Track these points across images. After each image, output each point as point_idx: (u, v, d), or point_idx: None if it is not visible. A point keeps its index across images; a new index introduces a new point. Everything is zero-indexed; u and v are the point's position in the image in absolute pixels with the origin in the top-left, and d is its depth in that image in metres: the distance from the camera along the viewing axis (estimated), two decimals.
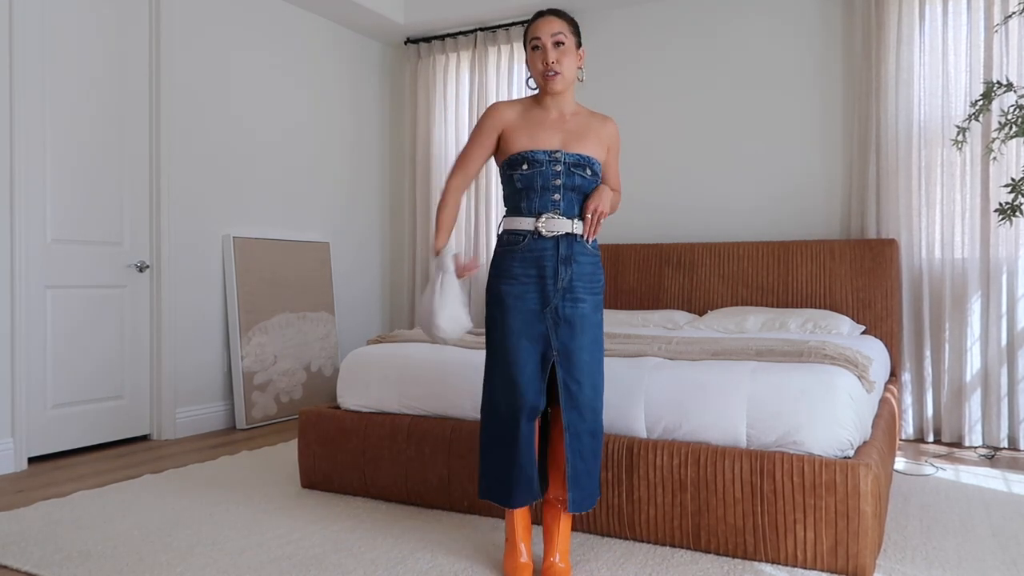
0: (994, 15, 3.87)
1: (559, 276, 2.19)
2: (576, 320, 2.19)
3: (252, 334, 4.47)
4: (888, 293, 4.01)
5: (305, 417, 3.08)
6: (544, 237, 2.20)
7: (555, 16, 2.24)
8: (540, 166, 2.20)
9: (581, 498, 2.16)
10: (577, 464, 2.15)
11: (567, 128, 2.26)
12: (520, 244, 2.22)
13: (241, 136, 4.55)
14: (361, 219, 5.50)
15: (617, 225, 4.91)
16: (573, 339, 2.18)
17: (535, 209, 2.21)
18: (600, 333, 2.26)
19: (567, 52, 2.22)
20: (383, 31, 5.40)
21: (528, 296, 2.20)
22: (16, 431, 3.45)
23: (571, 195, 2.22)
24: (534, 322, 2.19)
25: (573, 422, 2.16)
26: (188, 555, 2.36)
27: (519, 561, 2.21)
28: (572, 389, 2.16)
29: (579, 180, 2.22)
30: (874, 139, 4.14)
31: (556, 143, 2.23)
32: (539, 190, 2.20)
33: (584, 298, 2.22)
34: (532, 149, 2.21)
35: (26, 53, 3.51)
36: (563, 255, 2.20)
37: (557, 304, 2.19)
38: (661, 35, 4.81)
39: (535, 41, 2.22)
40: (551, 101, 2.27)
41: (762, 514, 2.28)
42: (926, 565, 2.29)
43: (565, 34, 2.22)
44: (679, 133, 4.76)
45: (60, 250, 3.69)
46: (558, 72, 2.20)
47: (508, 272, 2.23)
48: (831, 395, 2.33)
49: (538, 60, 2.22)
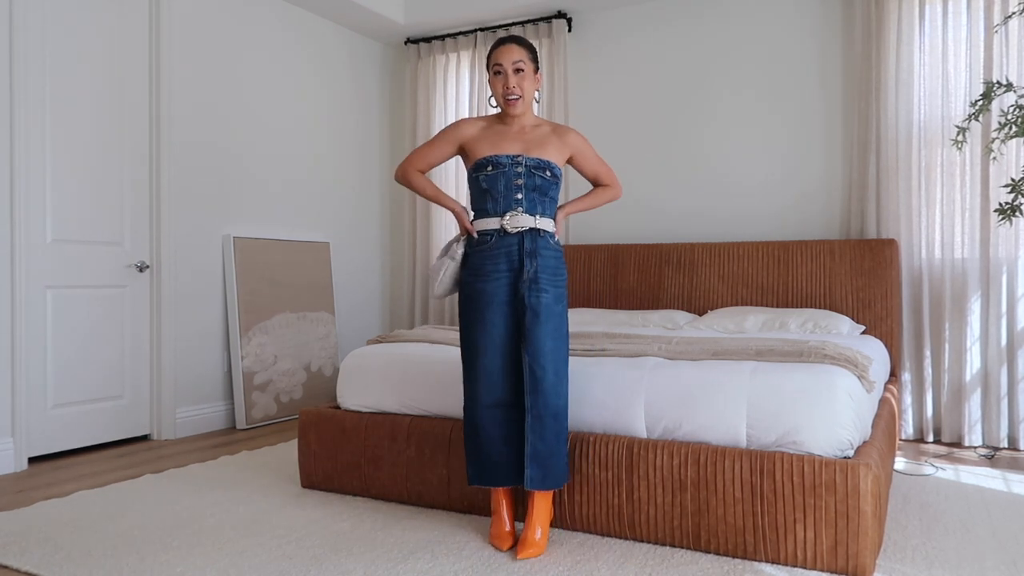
0: (994, 15, 3.87)
1: (524, 268, 2.40)
2: (540, 309, 2.38)
3: (252, 334, 4.47)
4: (888, 293, 4.01)
5: (305, 417, 3.08)
6: (510, 234, 2.42)
7: (516, 44, 2.48)
8: (503, 168, 2.43)
9: (541, 476, 2.35)
10: (537, 444, 2.33)
11: (528, 138, 2.51)
12: (488, 243, 2.44)
13: (241, 136, 4.55)
14: (361, 219, 5.50)
15: (617, 225, 4.92)
16: (537, 326, 2.37)
17: (500, 209, 2.43)
18: (563, 324, 2.44)
19: (526, 77, 2.48)
20: (383, 31, 5.40)
21: (498, 290, 2.41)
22: (16, 431, 3.46)
23: (533, 195, 2.44)
24: (504, 314, 2.40)
25: (535, 404, 2.34)
26: (188, 555, 2.37)
27: (503, 530, 2.44)
28: (537, 374, 2.35)
29: (540, 181, 2.45)
30: (874, 139, 4.14)
31: (518, 149, 2.48)
32: (503, 190, 2.43)
33: (547, 289, 2.41)
34: (496, 154, 2.46)
35: (27, 53, 3.51)
36: (528, 249, 2.42)
37: (524, 294, 2.39)
38: (660, 35, 4.81)
39: (497, 67, 2.47)
40: (512, 120, 2.53)
41: (762, 514, 2.28)
42: (926, 565, 2.29)
43: (524, 61, 2.47)
44: (679, 133, 4.76)
45: (60, 250, 3.69)
46: (519, 96, 2.47)
47: (479, 269, 2.44)
48: (831, 395, 2.33)
49: (499, 84, 2.48)
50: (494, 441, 2.40)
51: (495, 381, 2.40)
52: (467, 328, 2.46)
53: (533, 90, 2.51)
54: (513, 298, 2.40)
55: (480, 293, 2.42)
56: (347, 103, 5.35)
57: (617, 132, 4.93)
